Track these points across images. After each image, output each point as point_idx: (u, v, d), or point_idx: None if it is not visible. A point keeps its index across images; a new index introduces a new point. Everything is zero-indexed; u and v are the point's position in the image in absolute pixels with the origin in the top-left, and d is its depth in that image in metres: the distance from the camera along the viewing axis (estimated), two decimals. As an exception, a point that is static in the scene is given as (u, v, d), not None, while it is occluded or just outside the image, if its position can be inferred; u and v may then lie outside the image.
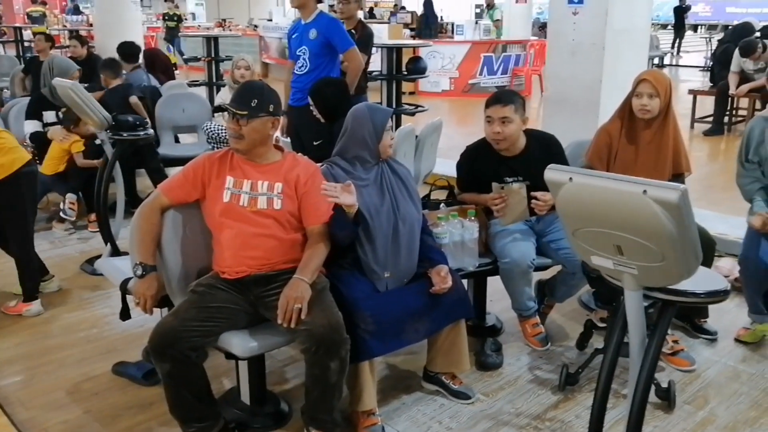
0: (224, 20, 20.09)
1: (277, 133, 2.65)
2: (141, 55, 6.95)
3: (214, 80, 8.52)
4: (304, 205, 2.52)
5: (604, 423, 2.12)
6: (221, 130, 4.98)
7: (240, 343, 2.35)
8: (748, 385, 2.96)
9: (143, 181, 5.49)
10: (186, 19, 22.78)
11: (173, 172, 5.57)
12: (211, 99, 7.82)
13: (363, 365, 2.48)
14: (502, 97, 3.07)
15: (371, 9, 20.85)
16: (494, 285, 3.30)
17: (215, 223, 2.50)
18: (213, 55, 8.54)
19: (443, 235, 2.90)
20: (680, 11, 19.75)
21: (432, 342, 2.76)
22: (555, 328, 3.45)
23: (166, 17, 16.77)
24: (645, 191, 1.55)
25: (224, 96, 5.60)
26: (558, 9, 4.83)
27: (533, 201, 2.93)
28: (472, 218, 3.01)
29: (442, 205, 3.12)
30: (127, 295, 2.69)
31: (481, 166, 3.14)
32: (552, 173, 1.71)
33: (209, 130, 5.00)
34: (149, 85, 6.21)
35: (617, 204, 1.62)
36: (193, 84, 8.20)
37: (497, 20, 14.09)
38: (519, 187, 3.00)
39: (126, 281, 2.72)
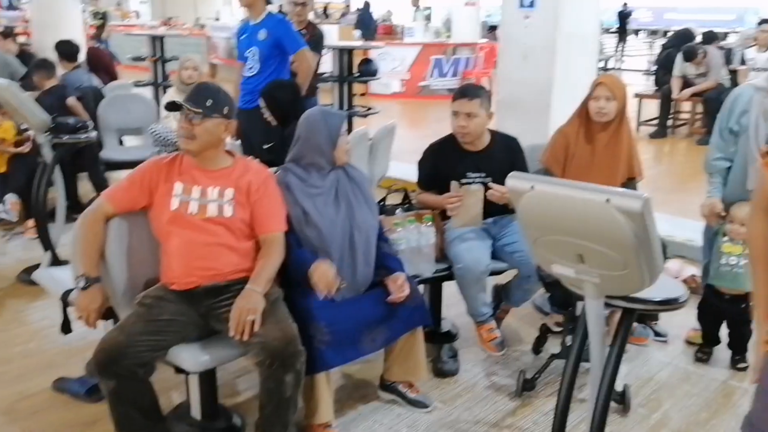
0: (170, 19, 19.63)
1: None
2: (81, 54, 6.70)
3: (160, 81, 8.32)
4: (257, 212, 2.43)
5: (563, 429, 2.11)
6: (169, 132, 4.83)
7: (190, 357, 2.25)
8: (699, 386, 3.00)
9: (85, 185, 5.28)
10: (129, 17, 22.23)
11: (117, 175, 5.42)
12: (158, 100, 7.61)
13: (319, 377, 2.41)
14: (468, 91, 3.08)
15: (325, 9, 20.73)
16: (449, 290, 3.27)
17: (163, 232, 2.39)
18: (159, 55, 8.33)
19: (400, 241, 2.85)
20: (623, 16, 20.25)
21: (389, 351, 2.71)
22: (510, 332, 3.44)
23: (92, 16, 16.24)
24: (608, 200, 1.53)
25: (171, 97, 5.44)
26: (509, 13, 4.84)
27: (489, 191, 2.93)
28: (429, 224, 2.97)
29: (398, 210, 3.08)
30: (69, 307, 2.56)
31: (446, 160, 3.13)
32: (514, 181, 1.68)
33: (156, 132, 4.83)
34: (90, 86, 5.97)
35: (579, 212, 1.60)
36: (138, 84, 7.97)
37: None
38: (477, 189, 2.98)
39: (67, 293, 2.59)
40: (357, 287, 2.57)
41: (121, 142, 5.88)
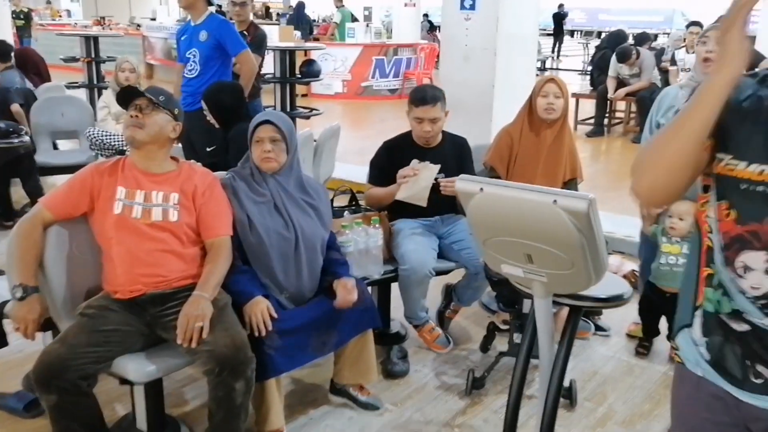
0: (103, 18, 19.05)
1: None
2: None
3: (95, 82, 8.08)
4: (203, 216, 2.39)
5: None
6: (105, 135, 4.71)
7: (136, 367, 2.19)
8: (641, 378, 3.10)
9: (18, 190, 5.08)
10: (60, 16, 21.50)
11: (51, 180, 5.24)
12: (92, 102, 7.39)
13: (269, 383, 2.38)
14: (428, 97, 3.08)
15: (267, 9, 20.47)
16: (398, 291, 3.28)
17: (105, 239, 2.32)
18: (93, 56, 8.08)
19: (347, 243, 2.84)
20: (559, 18, 20.75)
21: (339, 354, 2.70)
22: (459, 331, 3.48)
23: (13, 15, 15.59)
24: (555, 201, 1.56)
25: (108, 99, 5.28)
26: (451, 14, 4.89)
27: (441, 185, 2.98)
28: (376, 225, 2.97)
29: (345, 212, 3.07)
30: (5, 320, 2.45)
31: (402, 155, 3.16)
32: (463, 184, 1.70)
33: (92, 135, 4.70)
34: (23, 88, 5.75)
35: (528, 214, 1.63)
36: (71, 86, 7.71)
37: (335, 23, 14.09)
38: (434, 167, 3.02)
39: (3, 304, 2.48)
40: (301, 297, 2.55)
41: (55, 146, 5.69)
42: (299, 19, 15.01)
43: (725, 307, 1.27)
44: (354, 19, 14.66)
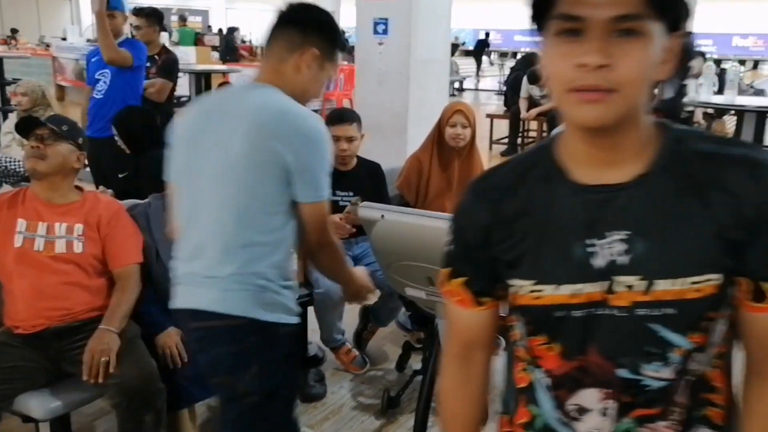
0: (9, 37, 18.30)
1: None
2: None
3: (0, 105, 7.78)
4: (109, 246, 2.36)
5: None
6: (10, 162, 4.54)
7: (40, 404, 2.13)
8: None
9: None
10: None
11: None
12: (-3, 126, 7.10)
13: (183, 413, 2.37)
14: (345, 116, 3.22)
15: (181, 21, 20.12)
16: (313, 314, 3.30)
17: (5, 273, 2.26)
18: (-3, 78, 7.81)
19: (262, 269, 2.84)
20: (482, 44, 21.53)
21: (255, 380, 2.69)
22: (376, 351, 3.53)
23: None
24: (451, 226, 1.63)
25: (13, 124, 5.10)
26: (365, 39, 5.01)
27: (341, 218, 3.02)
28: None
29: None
30: None
31: None
32: (365, 211, 1.76)
33: (-5, 162, 4.53)
34: None
35: (426, 239, 1.70)
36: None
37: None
38: (354, 201, 3.06)
39: None
40: None
41: (-45, 173, 5.43)
42: (228, 47, 14.73)
43: None
44: (196, 41, 14.13)
